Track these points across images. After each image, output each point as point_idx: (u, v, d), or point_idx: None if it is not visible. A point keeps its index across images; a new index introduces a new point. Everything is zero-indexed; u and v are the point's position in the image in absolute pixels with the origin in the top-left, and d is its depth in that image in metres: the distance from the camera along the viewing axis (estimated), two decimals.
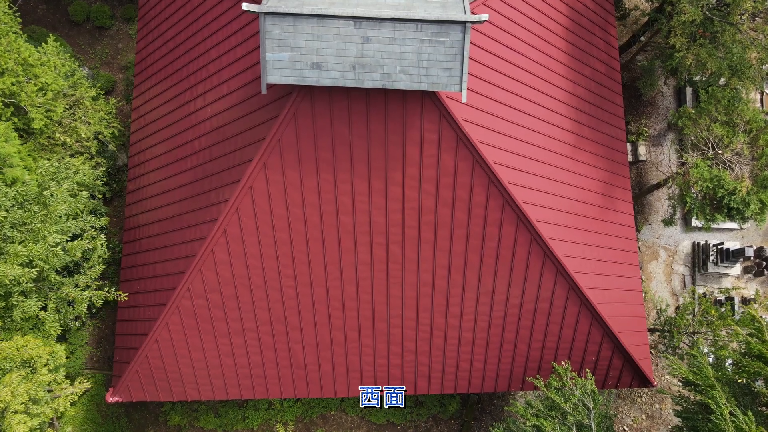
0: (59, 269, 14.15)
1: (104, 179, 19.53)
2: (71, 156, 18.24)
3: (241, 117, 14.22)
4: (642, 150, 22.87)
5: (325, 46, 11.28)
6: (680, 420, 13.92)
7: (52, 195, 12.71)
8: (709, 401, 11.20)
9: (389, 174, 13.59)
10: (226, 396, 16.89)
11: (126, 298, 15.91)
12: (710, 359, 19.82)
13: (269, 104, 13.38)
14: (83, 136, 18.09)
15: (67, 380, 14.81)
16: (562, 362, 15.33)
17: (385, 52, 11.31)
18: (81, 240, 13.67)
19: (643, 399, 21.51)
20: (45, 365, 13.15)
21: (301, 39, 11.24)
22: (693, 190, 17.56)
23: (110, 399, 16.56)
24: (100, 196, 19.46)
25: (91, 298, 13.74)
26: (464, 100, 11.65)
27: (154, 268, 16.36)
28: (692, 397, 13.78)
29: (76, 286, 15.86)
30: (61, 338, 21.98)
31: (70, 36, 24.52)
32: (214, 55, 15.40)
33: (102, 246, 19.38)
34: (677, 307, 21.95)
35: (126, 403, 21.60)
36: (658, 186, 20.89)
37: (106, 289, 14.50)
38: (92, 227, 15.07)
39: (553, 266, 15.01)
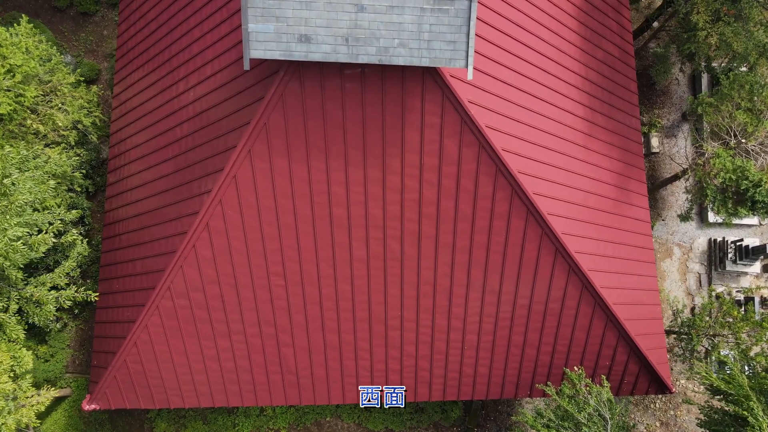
0: (22, 266, 12.94)
1: (83, 171, 18.32)
2: (47, 146, 17.03)
3: (225, 100, 13.01)
4: (655, 142, 21.66)
5: (315, 16, 10.07)
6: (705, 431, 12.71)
7: (13, 183, 11.50)
8: (745, 413, 10.00)
9: (387, 162, 12.38)
10: (212, 403, 15.69)
11: (97, 298, 14.68)
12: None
13: (255, 85, 12.17)
14: (60, 124, 16.88)
15: (35, 388, 13.57)
16: (575, 368, 14.13)
17: (381, 23, 10.10)
18: (45, 234, 12.43)
19: (657, 405, 20.29)
20: (8, 372, 11.93)
21: (288, 8, 10.03)
22: (714, 182, 16.34)
23: (86, 407, 15.36)
24: (79, 189, 18.23)
25: (58, 298, 12.49)
26: (470, 77, 10.44)
27: (134, 265, 15.16)
28: (722, 408, 12.56)
29: (53, 287, 14.68)
30: (41, 340, 20.84)
31: (53, 23, 23.31)
32: (197, 35, 14.19)
33: (82, 242, 18.22)
34: (693, 308, 20.75)
35: (108, 410, 20.37)
36: (674, 179, 19.66)
37: (75, 288, 13.26)
38: (62, 220, 13.82)
39: (565, 263, 13.80)
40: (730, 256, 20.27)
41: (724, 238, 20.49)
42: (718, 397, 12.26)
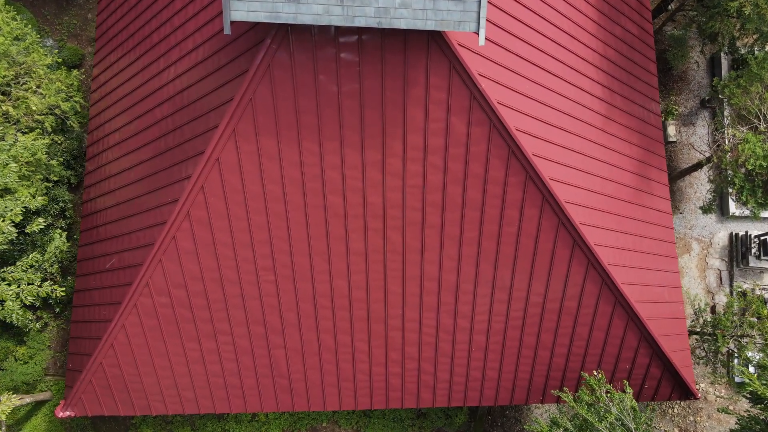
0: None
1: (60, 159, 17.06)
2: (20, 132, 15.78)
3: (208, 75, 11.74)
4: (671, 130, 20.38)
5: None
6: None
7: None
8: None
9: (387, 143, 11.11)
10: (197, 410, 14.44)
11: (63, 293, 13.41)
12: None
13: (239, 57, 10.91)
14: (34, 108, 15.62)
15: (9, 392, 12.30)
16: (594, 372, 12.87)
17: None
18: (2, 221, 11.20)
19: (675, 410, 19.03)
20: None
21: None
22: (741, 170, 15.08)
23: (60, 414, 14.11)
24: (56, 178, 16.98)
25: (19, 294, 11.24)
26: (482, 42, 9.16)
27: (111, 260, 13.90)
28: (760, 416, 11.31)
29: (28, 283, 13.43)
30: (20, 341, 19.61)
31: (35, 6, 22.06)
32: (179, 5, 12.92)
33: (60, 236, 17.00)
34: (713, 307, 19.48)
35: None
36: (693, 169, 18.39)
37: (38, 283, 12.00)
38: (26, 209, 12.57)
39: (583, 257, 12.54)
40: (753, 251, 19.00)
41: (746, 232, 19.22)
42: (760, 405, 10.98)
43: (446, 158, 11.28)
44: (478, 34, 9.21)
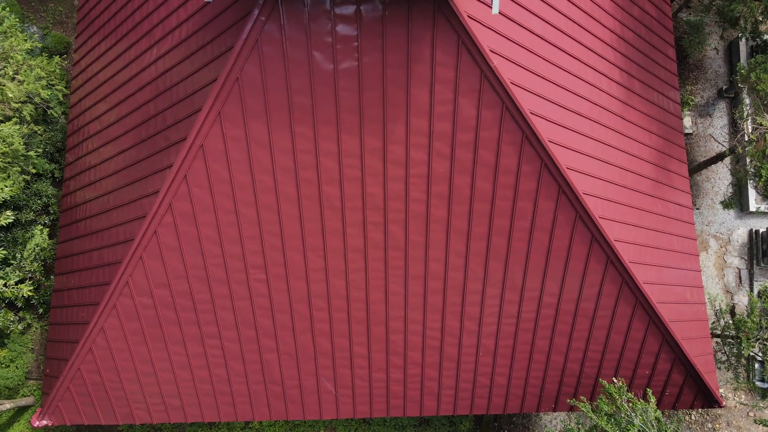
0: None
1: (39, 150, 16.05)
2: None
3: (192, 54, 10.72)
4: (687, 121, 19.35)
5: None
6: None
7: None
8: None
9: (388, 127, 10.08)
10: (184, 419, 13.42)
11: (31, 293, 12.41)
12: None
13: (225, 31, 9.88)
14: (10, 95, 14.60)
15: None
16: (614, 379, 11.85)
17: None
18: None
19: (692, 417, 18.00)
20: None
21: None
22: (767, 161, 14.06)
23: (36, 423, 13.10)
24: (34, 171, 15.96)
25: None
26: (495, 11, 8.14)
27: (90, 257, 12.89)
28: None
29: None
30: (0, 344, 18.60)
31: None
32: None
33: (41, 233, 16.00)
34: (732, 307, 18.45)
35: None
36: (711, 162, 17.35)
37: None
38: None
39: (602, 254, 11.50)
40: None
41: None
42: None
43: (453, 145, 10.24)
44: (491, 1, 8.18)
